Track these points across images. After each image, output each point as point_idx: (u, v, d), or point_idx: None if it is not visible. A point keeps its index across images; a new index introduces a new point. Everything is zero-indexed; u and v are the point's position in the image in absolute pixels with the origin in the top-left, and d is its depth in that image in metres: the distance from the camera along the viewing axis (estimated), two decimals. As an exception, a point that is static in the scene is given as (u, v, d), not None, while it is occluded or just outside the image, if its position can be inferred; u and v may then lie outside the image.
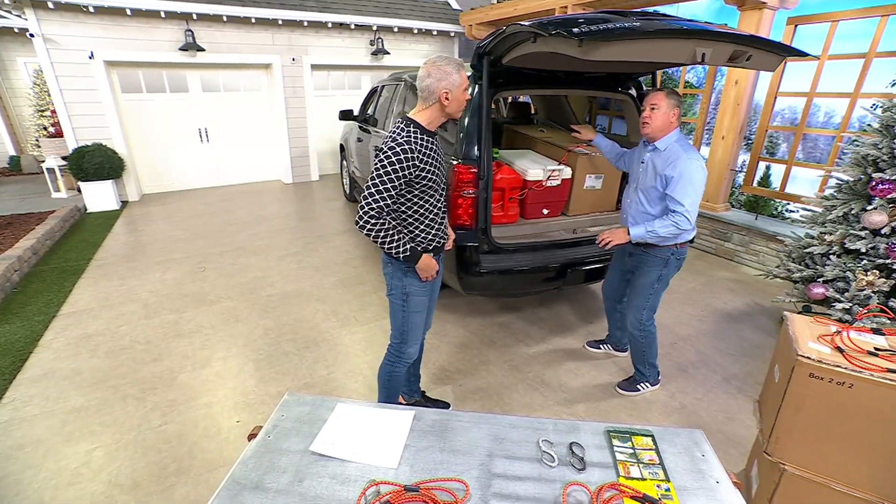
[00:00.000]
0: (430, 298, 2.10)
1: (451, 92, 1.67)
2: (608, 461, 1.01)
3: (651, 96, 2.13)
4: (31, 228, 4.77)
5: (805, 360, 1.48)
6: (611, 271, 2.68)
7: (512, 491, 0.92)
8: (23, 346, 2.96)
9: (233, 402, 2.52)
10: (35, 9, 5.28)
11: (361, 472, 0.97)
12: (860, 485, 1.49)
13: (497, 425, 1.10)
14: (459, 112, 1.75)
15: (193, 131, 7.01)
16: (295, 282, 3.96)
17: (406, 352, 2.05)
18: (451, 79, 1.66)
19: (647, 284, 2.34)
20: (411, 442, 1.06)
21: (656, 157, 2.18)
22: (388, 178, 1.65)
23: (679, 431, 1.11)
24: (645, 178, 2.24)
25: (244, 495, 0.93)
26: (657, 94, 2.12)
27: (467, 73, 1.64)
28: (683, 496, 0.92)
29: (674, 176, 2.09)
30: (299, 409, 1.18)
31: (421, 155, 1.69)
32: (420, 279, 1.91)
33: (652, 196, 2.22)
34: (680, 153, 2.10)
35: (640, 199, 2.28)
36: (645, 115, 2.15)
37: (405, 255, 1.80)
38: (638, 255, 2.35)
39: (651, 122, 2.13)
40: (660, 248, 2.25)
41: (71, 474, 2.03)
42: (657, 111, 2.11)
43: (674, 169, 2.09)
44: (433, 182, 1.78)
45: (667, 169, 2.11)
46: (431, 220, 1.88)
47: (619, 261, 2.60)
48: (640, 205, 2.27)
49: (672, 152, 2.13)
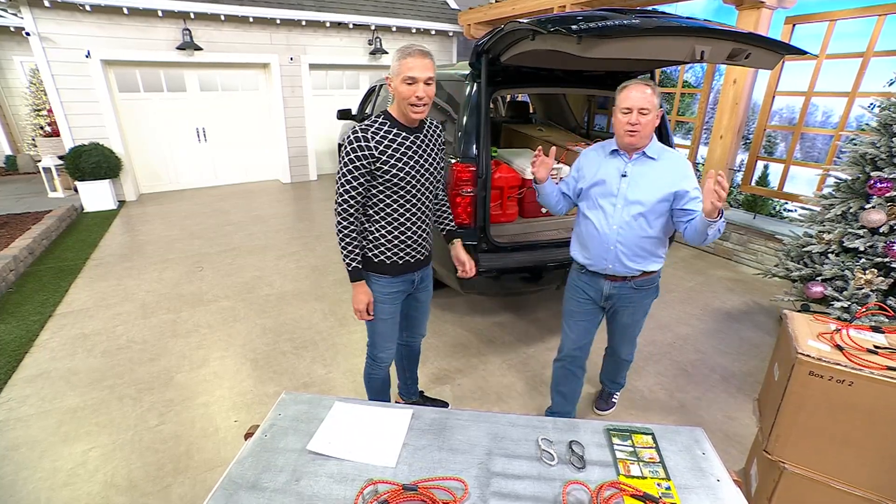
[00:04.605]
0: (416, 308, 2.03)
1: (393, 80, 1.55)
2: (608, 460, 1.00)
3: (636, 97, 1.65)
4: (28, 228, 4.74)
5: (805, 358, 1.47)
6: (579, 332, 2.05)
7: (511, 490, 0.91)
8: (18, 346, 2.94)
9: (230, 401, 2.51)
10: (31, 7, 5.26)
11: (359, 472, 0.96)
12: (860, 483, 1.48)
13: (496, 424, 1.09)
14: (406, 104, 1.55)
15: (191, 131, 6.99)
16: (293, 281, 3.94)
17: (378, 356, 1.98)
18: (392, 66, 1.55)
19: (644, 315, 2.04)
20: (409, 441, 1.05)
21: (648, 168, 1.76)
22: (346, 171, 1.59)
23: (679, 429, 1.10)
24: (636, 193, 1.75)
25: (240, 495, 0.92)
26: (644, 92, 1.65)
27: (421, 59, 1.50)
28: (684, 494, 0.91)
29: (689, 183, 1.73)
30: (296, 408, 1.17)
31: (379, 146, 1.57)
32: (382, 289, 1.81)
33: (652, 215, 1.76)
34: (672, 154, 1.80)
35: (636, 223, 1.77)
36: (629, 120, 1.67)
37: (349, 269, 1.71)
38: (626, 293, 1.92)
39: (641, 131, 1.68)
40: (657, 273, 1.92)
41: (67, 475, 2.01)
42: (649, 116, 1.66)
43: (683, 176, 1.73)
44: (400, 180, 1.62)
45: (681, 182, 1.72)
46: (399, 226, 1.72)
47: (586, 316, 2.03)
48: (641, 229, 1.77)
49: (667, 157, 1.78)
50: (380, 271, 1.79)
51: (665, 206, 1.74)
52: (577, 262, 1.99)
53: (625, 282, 1.89)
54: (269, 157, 7.75)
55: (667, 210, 1.76)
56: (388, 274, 1.79)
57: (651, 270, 1.88)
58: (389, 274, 1.80)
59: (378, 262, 1.77)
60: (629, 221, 1.77)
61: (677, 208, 1.74)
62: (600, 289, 1.93)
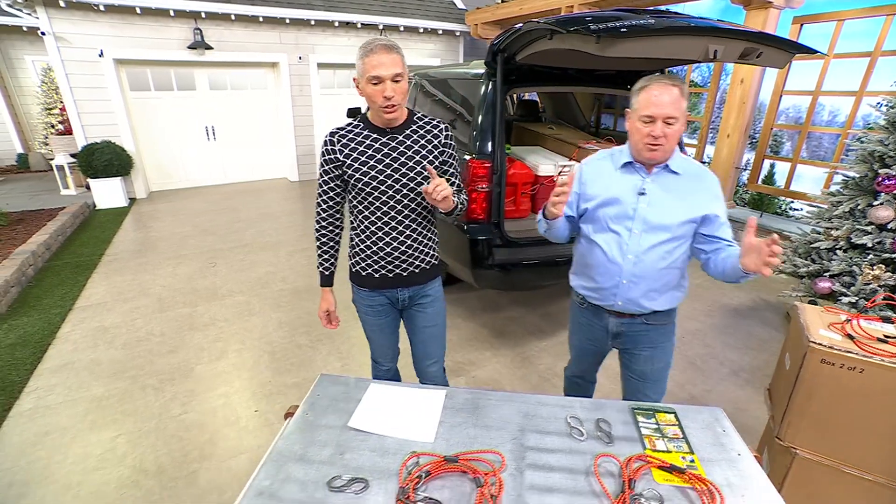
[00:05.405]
0: (412, 331, 1.80)
1: (359, 81, 1.41)
2: (634, 436, 1.06)
3: (661, 102, 1.31)
4: (43, 224, 4.82)
5: (817, 347, 1.53)
6: (586, 364, 1.86)
7: (545, 462, 0.97)
8: (42, 338, 3.01)
9: (250, 392, 2.57)
10: (47, 7, 5.34)
11: (400, 446, 1.02)
12: (870, 467, 1.53)
13: (526, 403, 1.15)
14: (374, 104, 1.40)
15: (200, 129, 7.07)
16: (306, 277, 4.01)
17: (377, 360, 1.90)
18: (356, 66, 1.40)
19: (667, 362, 1.66)
20: (445, 419, 1.11)
21: (671, 185, 1.44)
22: (320, 174, 1.56)
23: (700, 409, 1.16)
24: (659, 216, 1.43)
25: (290, 465, 0.98)
26: (671, 94, 1.31)
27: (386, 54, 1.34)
28: (707, 466, 0.97)
29: (719, 206, 1.43)
30: (334, 389, 1.22)
31: (345, 149, 1.48)
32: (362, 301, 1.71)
33: (676, 241, 1.44)
34: (698, 169, 1.47)
35: (656, 252, 1.44)
36: (651, 132, 1.34)
37: (319, 273, 1.69)
38: (638, 330, 1.57)
39: (665, 144, 1.35)
40: (674, 310, 1.59)
41: (97, 460, 2.08)
42: (676, 125, 1.34)
43: (714, 197, 1.43)
44: (366, 185, 1.49)
45: (711, 204, 1.42)
46: (371, 236, 1.57)
47: (591, 352, 1.77)
48: (662, 259, 1.45)
49: (693, 172, 1.45)
50: (356, 282, 1.70)
51: (690, 229, 1.45)
52: (577, 294, 1.67)
53: (633, 318, 1.56)
54: (276, 155, 7.82)
55: (691, 234, 1.46)
56: (364, 286, 1.68)
57: (670, 308, 1.55)
58: (366, 287, 1.67)
59: (354, 272, 1.68)
60: (648, 250, 1.44)
61: (701, 233, 1.45)
62: (605, 326, 1.61)
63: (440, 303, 1.78)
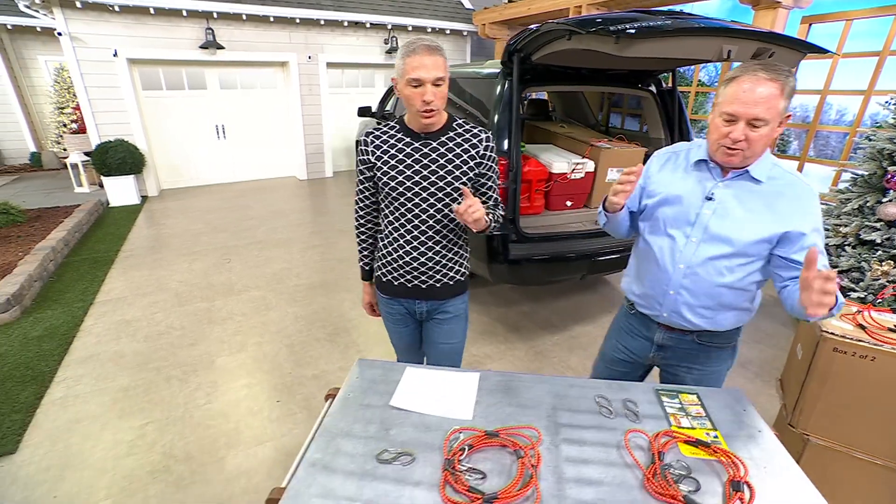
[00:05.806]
0: (428, 344, 1.75)
1: (398, 82, 1.35)
2: (660, 414, 1.12)
3: (750, 98, 1.09)
4: (60, 221, 4.91)
5: (829, 336, 1.59)
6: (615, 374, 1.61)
7: (579, 437, 1.04)
8: (67, 331, 3.09)
9: (271, 383, 2.64)
10: (63, 8, 5.43)
11: (440, 423, 1.09)
12: (881, 453, 1.59)
13: (556, 385, 1.22)
14: (412, 107, 1.35)
15: (210, 128, 7.15)
16: (320, 273, 4.08)
17: (400, 358, 1.89)
18: (396, 65, 1.36)
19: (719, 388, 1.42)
20: (480, 399, 1.17)
21: (747, 194, 1.23)
22: (357, 172, 1.57)
23: (720, 391, 1.22)
24: (723, 226, 1.23)
25: (339, 440, 1.04)
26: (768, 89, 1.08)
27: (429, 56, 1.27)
28: (731, 442, 1.03)
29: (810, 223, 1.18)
30: (372, 372, 1.29)
31: (377, 151, 1.45)
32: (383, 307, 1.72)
33: (740, 259, 1.24)
34: (790, 178, 1.22)
35: (713, 266, 1.25)
36: (731, 135, 1.13)
37: (360, 267, 1.72)
38: (686, 348, 1.41)
39: (747, 150, 1.15)
40: (737, 330, 1.43)
41: (128, 446, 2.15)
42: (764, 129, 1.12)
43: (804, 213, 1.19)
44: (392, 190, 1.45)
45: (798, 220, 1.18)
46: (394, 242, 1.53)
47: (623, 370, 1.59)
48: (719, 274, 1.25)
49: (781, 182, 1.21)
50: (377, 285, 1.69)
51: (763, 249, 1.22)
52: (626, 299, 1.54)
53: (683, 334, 1.39)
54: (286, 153, 7.90)
55: (765, 256, 1.23)
56: (384, 292, 1.66)
57: (726, 329, 1.36)
58: (385, 293, 1.65)
59: (377, 276, 1.66)
60: (705, 262, 1.25)
61: (781, 255, 1.20)
62: (651, 336, 1.45)
63: (461, 321, 1.67)
